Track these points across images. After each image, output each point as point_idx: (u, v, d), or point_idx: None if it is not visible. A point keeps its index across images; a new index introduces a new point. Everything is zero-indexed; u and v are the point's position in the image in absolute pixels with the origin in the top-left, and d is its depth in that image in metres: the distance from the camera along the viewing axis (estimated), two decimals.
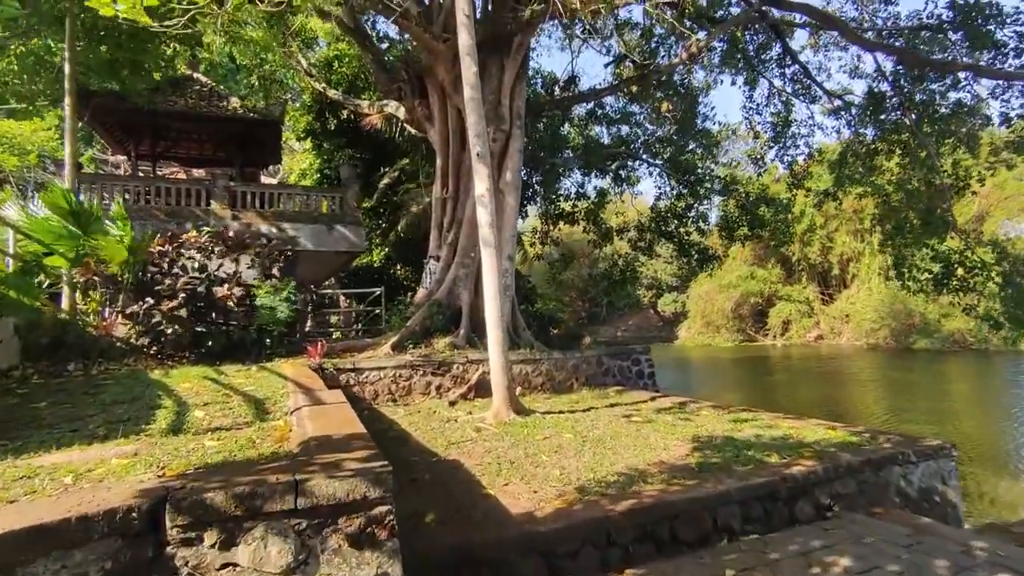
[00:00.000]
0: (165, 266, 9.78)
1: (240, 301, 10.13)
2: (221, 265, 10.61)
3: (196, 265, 10.08)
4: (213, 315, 10.05)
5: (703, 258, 20.37)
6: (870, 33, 15.50)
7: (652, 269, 41.55)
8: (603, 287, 22.81)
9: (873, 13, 15.50)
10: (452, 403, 9.62)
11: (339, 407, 4.60)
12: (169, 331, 9.06)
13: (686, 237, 19.97)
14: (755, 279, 46.17)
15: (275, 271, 11.43)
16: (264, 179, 22.46)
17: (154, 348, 9.08)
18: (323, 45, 21.80)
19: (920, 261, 16.32)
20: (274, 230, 14.46)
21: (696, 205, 19.44)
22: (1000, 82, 14.01)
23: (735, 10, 16.05)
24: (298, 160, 22.79)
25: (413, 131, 16.34)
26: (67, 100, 10.33)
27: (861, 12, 16.13)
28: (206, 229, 10.44)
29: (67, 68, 10.19)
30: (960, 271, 14.93)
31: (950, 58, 14.19)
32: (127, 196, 12.50)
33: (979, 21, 13.26)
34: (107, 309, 9.26)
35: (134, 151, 16.06)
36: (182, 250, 9.99)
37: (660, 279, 51.82)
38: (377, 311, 16.03)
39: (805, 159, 17.66)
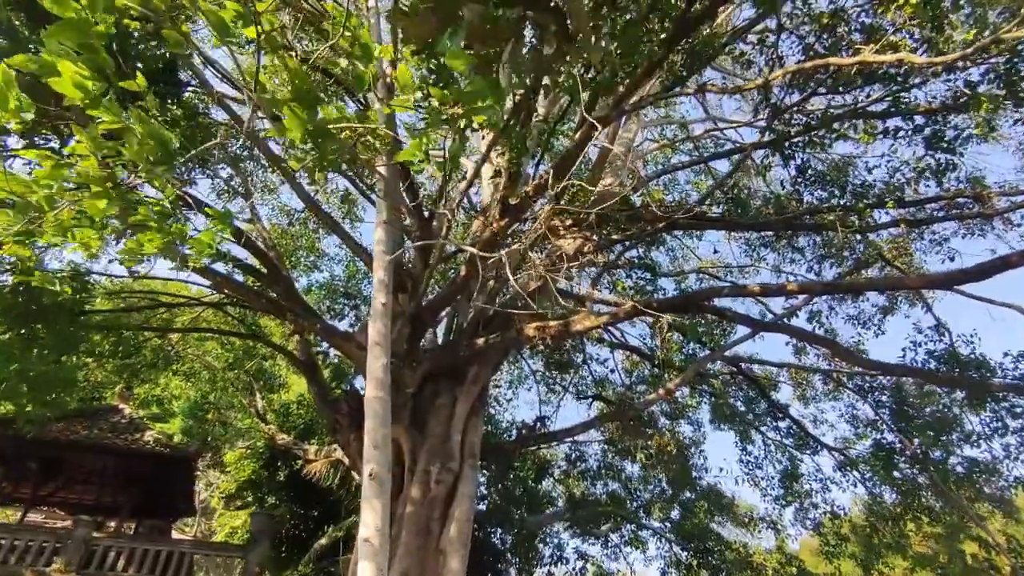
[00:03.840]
0: None
1: None
2: None
3: None
4: None
5: None
6: (853, 381, 14.60)
7: None
8: None
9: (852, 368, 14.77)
10: None
11: None
12: None
13: None
14: None
15: None
16: (177, 535, 18.56)
17: None
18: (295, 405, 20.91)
19: None
20: None
21: None
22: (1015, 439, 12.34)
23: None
24: (228, 517, 19.30)
25: (356, 475, 13.76)
26: None
27: (833, 365, 15.47)
28: None
29: None
30: None
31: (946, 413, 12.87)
32: None
33: (971, 371, 12.28)
34: None
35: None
36: None
37: None
38: None
39: (830, 518, 14.45)
